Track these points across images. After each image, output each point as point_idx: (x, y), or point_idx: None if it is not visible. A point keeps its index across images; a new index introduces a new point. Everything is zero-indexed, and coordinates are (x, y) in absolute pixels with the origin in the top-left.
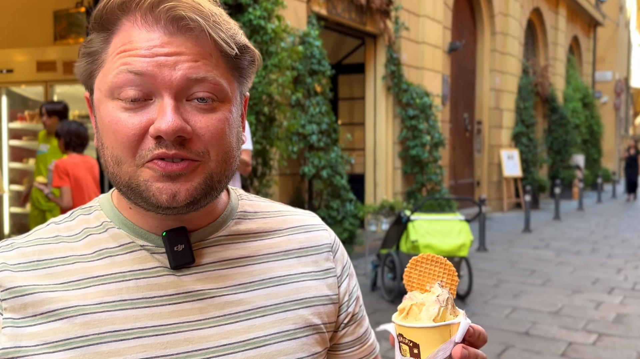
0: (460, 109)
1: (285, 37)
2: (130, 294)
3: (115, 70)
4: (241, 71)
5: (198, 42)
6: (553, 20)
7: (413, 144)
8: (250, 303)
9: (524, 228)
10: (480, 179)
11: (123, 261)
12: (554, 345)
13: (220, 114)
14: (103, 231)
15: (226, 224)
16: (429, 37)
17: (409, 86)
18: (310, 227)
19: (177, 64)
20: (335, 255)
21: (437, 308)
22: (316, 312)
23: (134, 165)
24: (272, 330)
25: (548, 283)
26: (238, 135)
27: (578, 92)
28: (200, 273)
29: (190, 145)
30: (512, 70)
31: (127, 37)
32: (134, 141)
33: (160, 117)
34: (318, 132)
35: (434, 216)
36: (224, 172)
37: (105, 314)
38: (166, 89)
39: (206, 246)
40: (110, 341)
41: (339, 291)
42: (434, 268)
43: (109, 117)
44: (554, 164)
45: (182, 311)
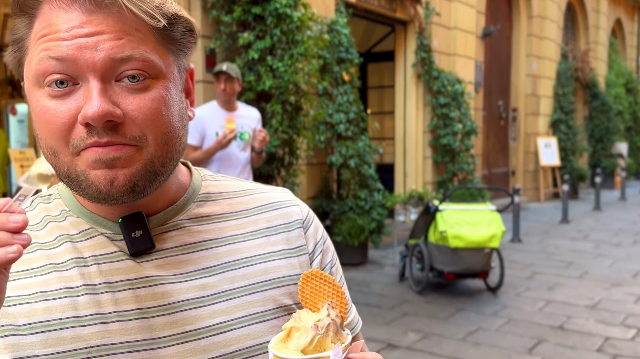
0: (494, 96)
1: (312, 26)
2: (92, 279)
3: (37, 57)
4: (175, 43)
5: (120, 18)
6: (594, 3)
7: (444, 133)
8: (214, 287)
9: (562, 219)
10: (516, 168)
11: (84, 247)
12: (589, 340)
13: (154, 92)
14: (62, 219)
15: (187, 207)
16: (462, 22)
17: (440, 73)
18: (279, 204)
19: (99, 44)
20: (307, 231)
21: (310, 336)
22: (287, 292)
23: (69, 154)
24: (238, 314)
25: (585, 276)
26: (180, 112)
27: (621, 77)
28: (161, 258)
29: (124, 130)
30: (550, 55)
31: (46, 20)
32: (65, 130)
33: (86, 103)
34: (346, 121)
35: (463, 206)
36: (167, 154)
37: (67, 300)
38: (90, 72)
39: (166, 230)
40: (73, 326)
41: (311, 268)
42: (324, 287)
43: (38, 106)
44: (595, 152)
45: (145, 297)
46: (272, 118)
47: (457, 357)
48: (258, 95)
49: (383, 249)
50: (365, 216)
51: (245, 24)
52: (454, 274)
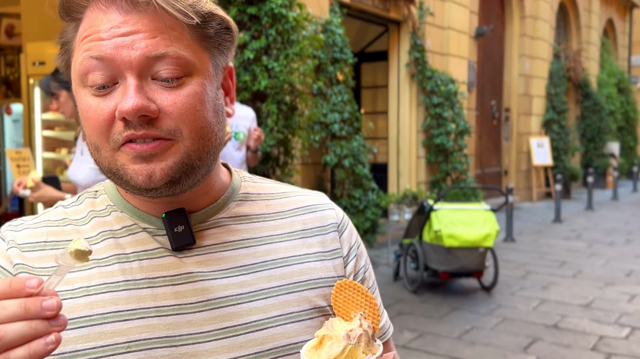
0: (487, 96)
1: (307, 26)
2: (133, 275)
3: (80, 58)
4: (210, 40)
5: (155, 17)
6: (586, 3)
7: (437, 132)
8: (252, 285)
9: (554, 219)
10: (508, 168)
11: (126, 243)
12: (584, 339)
13: (189, 89)
14: (107, 214)
15: (227, 206)
16: (455, 22)
17: (433, 73)
18: (315, 207)
19: (135, 43)
20: (342, 235)
21: (341, 346)
22: (322, 294)
23: (110, 149)
24: (274, 313)
25: (579, 275)
26: (217, 109)
27: (613, 77)
28: (201, 254)
29: (159, 124)
30: (542, 55)
31: (88, 22)
32: (105, 126)
33: (123, 99)
34: (340, 121)
35: (457, 205)
36: (203, 148)
37: (108, 295)
38: (128, 70)
39: (206, 227)
40: (113, 321)
41: (345, 272)
42: (357, 297)
43: (82, 105)
44: (587, 152)
45: (185, 293)
46: (268, 118)
47: (453, 356)
48: (253, 95)
49: (377, 248)
50: (359, 216)
51: (241, 24)
52: (449, 273)
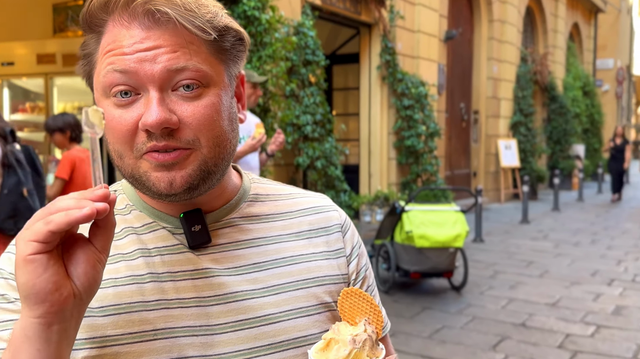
0: (456, 98)
1: (280, 28)
2: (156, 268)
3: (104, 70)
4: (226, 53)
5: (175, 33)
6: (552, 7)
7: (408, 134)
8: (264, 282)
9: (522, 219)
10: (477, 169)
11: (148, 239)
12: (551, 337)
13: (207, 100)
14: (127, 213)
15: (239, 206)
16: (425, 25)
17: (404, 76)
18: (320, 208)
19: (157, 57)
20: (345, 235)
21: (348, 350)
22: (327, 290)
23: (133, 157)
24: (285, 307)
25: (546, 275)
26: (231, 117)
27: (578, 81)
28: (216, 252)
29: (180, 135)
30: (510, 58)
31: (111, 37)
32: (129, 136)
33: (146, 112)
34: (312, 123)
35: (428, 206)
36: (219, 155)
37: (135, 286)
38: (150, 83)
39: (221, 227)
40: (140, 310)
41: (348, 271)
42: (362, 304)
43: (106, 115)
44: (553, 154)
45: (203, 287)
46: None
47: (424, 354)
48: None
49: None
50: None
51: None
52: (420, 273)
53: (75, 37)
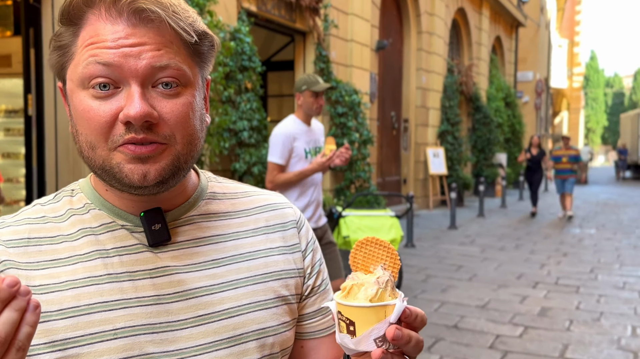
0: (387, 107)
1: (217, 33)
2: (114, 269)
3: (84, 62)
4: (201, 56)
5: (159, 32)
6: (477, 21)
7: (342, 141)
8: (223, 277)
9: (450, 225)
10: (407, 177)
11: (106, 240)
12: (482, 338)
13: (184, 99)
14: (85, 212)
15: (197, 204)
16: (358, 35)
17: (337, 84)
18: (276, 206)
19: (142, 54)
20: (300, 231)
21: (375, 289)
22: (284, 284)
23: (107, 149)
24: (244, 301)
25: (475, 278)
26: (201, 117)
27: (501, 92)
28: (175, 250)
29: (157, 129)
30: (437, 69)
31: (93, 30)
32: (106, 127)
33: (128, 104)
34: (249, 129)
35: (364, 212)
36: (190, 153)
37: (94, 288)
38: (133, 77)
39: (180, 225)
40: (100, 311)
41: (303, 265)
42: (378, 251)
43: (81, 105)
44: (478, 162)
45: (162, 285)
46: None
47: None
48: None
49: None
50: None
51: None
52: None
53: (3, 38)
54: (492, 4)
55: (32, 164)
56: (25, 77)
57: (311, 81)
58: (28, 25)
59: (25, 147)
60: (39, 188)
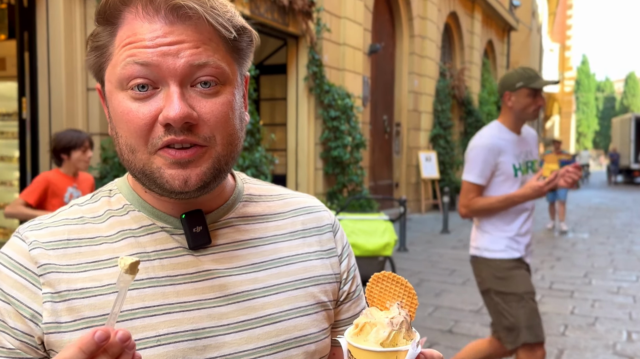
0: (380, 111)
1: None
2: (156, 273)
3: (122, 62)
4: (240, 52)
5: (197, 29)
6: (469, 24)
7: (335, 145)
8: (264, 282)
9: (442, 229)
10: (399, 180)
11: (146, 242)
12: None
13: (223, 97)
14: (124, 213)
15: (235, 206)
16: (350, 38)
17: (330, 87)
18: (312, 209)
19: (180, 52)
20: (336, 235)
21: (387, 331)
22: (323, 290)
23: (147, 152)
24: (286, 307)
25: (468, 282)
26: (241, 116)
27: (492, 96)
28: (216, 253)
29: (197, 130)
30: (429, 73)
31: (131, 29)
32: (145, 130)
33: (167, 105)
34: None
35: (358, 216)
36: (230, 154)
37: (135, 292)
38: (171, 77)
39: (219, 227)
40: (142, 316)
41: (340, 270)
42: (394, 288)
43: (120, 107)
44: None
45: (204, 289)
46: None
47: None
48: None
49: None
50: None
51: None
52: None
53: None
54: (484, 8)
55: (26, 167)
56: (20, 80)
57: (529, 76)
58: (22, 29)
59: (19, 150)
60: None
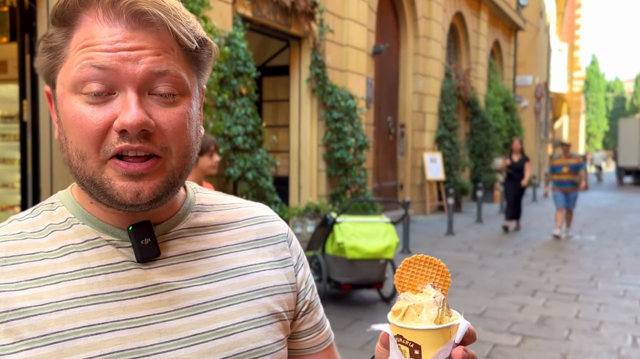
0: (384, 112)
1: (212, 39)
2: (101, 288)
3: (78, 65)
4: (200, 64)
5: (159, 36)
6: (475, 25)
7: (337, 146)
8: (216, 294)
9: (447, 231)
10: (404, 182)
11: (90, 257)
12: (479, 347)
13: (182, 108)
14: (67, 227)
15: (186, 217)
16: (353, 39)
17: (333, 88)
18: (264, 218)
19: (140, 58)
20: (290, 245)
21: (436, 309)
22: (278, 300)
23: (98, 160)
24: (238, 319)
25: (472, 286)
26: (197, 128)
27: (499, 96)
28: (166, 265)
29: (154, 139)
30: (434, 73)
31: (89, 32)
32: (99, 136)
33: (124, 111)
34: (243, 134)
35: (360, 218)
36: (184, 166)
37: (79, 310)
38: (129, 83)
39: (169, 239)
40: (86, 335)
41: (296, 280)
42: (427, 270)
43: (72, 111)
44: (476, 167)
45: (152, 304)
46: None
47: None
48: None
49: None
50: None
51: None
52: (351, 285)
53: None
54: (491, 8)
55: (27, 170)
56: (21, 83)
57: None
58: (23, 32)
59: (20, 153)
60: (34, 194)
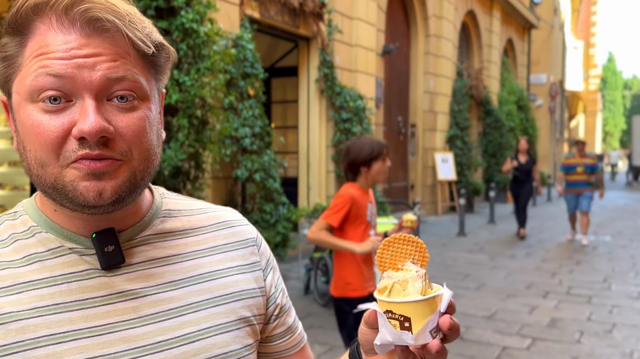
0: (394, 112)
1: (218, 41)
2: (63, 297)
3: (33, 74)
4: (157, 68)
5: (115, 42)
6: (487, 23)
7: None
8: (182, 300)
9: (459, 232)
10: (415, 182)
11: (53, 266)
12: (487, 349)
13: (141, 112)
14: (30, 236)
15: (152, 223)
16: (363, 39)
17: (342, 89)
18: (232, 222)
19: (96, 65)
20: (259, 249)
21: (420, 282)
22: (246, 305)
23: (59, 166)
24: (205, 325)
25: (482, 287)
26: (158, 132)
27: (513, 95)
28: (130, 272)
29: (113, 145)
30: (446, 72)
31: (43, 40)
32: (57, 143)
33: (82, 119)
34: (251, 135)
35: None
36: (147, 169)
37: (40, 319)
38: (87, 90)
39: (134, 245)
40: (47, 344)
41: (265, 284)
42: (406, 247)
43: (29, 120)
44: (489, 167)
45: (116, 311)
46: (179, 132)
47: None
48: (164, 109)
49: (288, 262)
50: (270, 230)
51: None
52: None
53: None
54: (503, 6)
55: None
56: None
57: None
58: None
59: None
60: None
